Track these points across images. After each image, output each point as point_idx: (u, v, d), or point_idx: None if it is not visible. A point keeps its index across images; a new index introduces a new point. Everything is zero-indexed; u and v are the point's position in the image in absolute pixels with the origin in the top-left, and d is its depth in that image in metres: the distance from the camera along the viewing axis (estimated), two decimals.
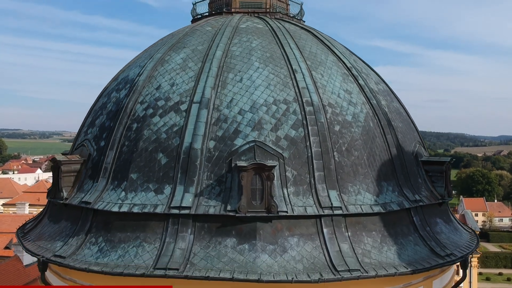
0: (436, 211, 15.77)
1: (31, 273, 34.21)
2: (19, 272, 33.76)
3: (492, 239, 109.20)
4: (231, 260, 12.40)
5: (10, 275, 33.03)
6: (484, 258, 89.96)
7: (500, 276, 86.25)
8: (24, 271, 34.14)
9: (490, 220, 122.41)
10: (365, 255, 13.09)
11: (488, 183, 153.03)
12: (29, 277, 33.80)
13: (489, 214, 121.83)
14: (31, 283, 33.25)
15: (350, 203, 13.58)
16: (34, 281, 33.16)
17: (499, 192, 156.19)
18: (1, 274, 32.30)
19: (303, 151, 13.78)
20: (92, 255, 13.29)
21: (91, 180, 14.82)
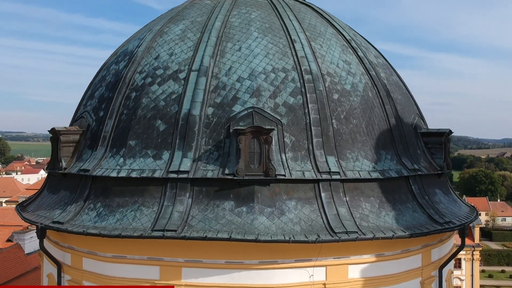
0: (435, 182, 15.73)
1: (32, 262, 34.18)
2: (20, 260, 33.72)
3: (495, 238, 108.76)
4: (229, 222, 12.40)
5: (11, 262, 32.99)
6: (487, 256, 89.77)
7: (502, 273, 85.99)
8: (25, 259, 34.09)
9: (493, 219, 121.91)
10: (363, 219, 13.07)
11: (491, 183, 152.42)
12: (30, 265, 33.75)
13: (492, 214, 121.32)
14: (32, 272, 33.23)
15: (348, 169, 13.57)
16: (35, 269, 33.12)
17: (502, 192, 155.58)
18: (2, 262, 32.27)
19: (301, 117, 13.78)
20: (90, 220, 13.30)
21: (90, 150, 14.84)
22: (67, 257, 14.48)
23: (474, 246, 53.88)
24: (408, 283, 13.96)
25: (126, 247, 13.06)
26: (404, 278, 13.82)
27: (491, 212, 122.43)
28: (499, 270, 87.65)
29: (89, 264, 13.83)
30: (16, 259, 33.55)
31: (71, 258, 14.30)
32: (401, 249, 13.73)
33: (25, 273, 32.95)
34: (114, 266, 13.31)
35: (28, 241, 35.08)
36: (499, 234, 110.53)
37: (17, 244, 34.94)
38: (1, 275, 31.27)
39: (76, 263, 14.12)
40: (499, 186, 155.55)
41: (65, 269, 14.42)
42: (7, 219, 50.73)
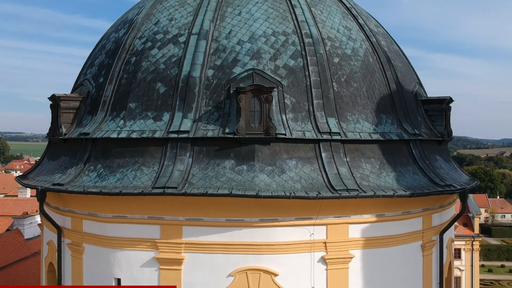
0: (436, 149, 15.72)
1: (31, 247, 34.11)
2: (20, 245, 33.63)
3: (494, 234, 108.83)
4: (230, 180, 12.38)
5: (11, 247, 32.91)
6: (486, 251, 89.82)
7: (502, 268, 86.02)
8: (25, 244, 33.99)
9: (493, 216, 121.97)
10: (364, 179, 13.06)
11: (491, 181, 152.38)
12: (30, 250, 33.66)
13: (491, 210, 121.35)
14: (32, 257, 33.16)
15: (348, 130, 13.56)
16: (35, 254, 33.07)
17: (501, 190, 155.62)
18: (1, 246, 32.20)
19: (302, 80, 13.77)
20: (91, 181, 13.28)
21: (90, 115, 14.81)
22: (67, 221, 14.46)
23: (473, 236, 53.87)
24: (409, 245, 13.95)
25: (126, 206, 13.04)
26: (405, 240, 13.81)
27: (491, 209, 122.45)
28: (499, 265, 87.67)
29: (89, 226, 13.81)
30: (15, 244, 33.48)
31: (71, 221, 14.28)
32: (401, 211, 13.72)
33: (24, 258, 32.85)
34: (115, 227, 13.28)
35: (28, 227, 34.98)
36: (498, 230, 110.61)
37: (17, 230, 34.86)
38: (1, 259, 31.21)
39: (76, 226, 14.10)
40: (498, 184, 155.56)
41: (65, 233, 14.40)
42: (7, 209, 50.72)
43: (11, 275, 31.14)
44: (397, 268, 13.65)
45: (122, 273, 13.15)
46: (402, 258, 13.77)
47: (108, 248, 13.32)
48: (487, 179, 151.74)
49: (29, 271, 32.40)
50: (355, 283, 13.02)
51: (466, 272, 51.53)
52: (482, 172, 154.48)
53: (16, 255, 32.62)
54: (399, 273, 13.70)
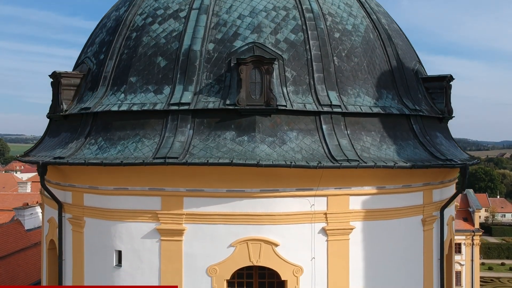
0: (437, 126, 15.74)
1: (32, 238, 34.12)
2: (21, 235, 33.61)
3: (494, 233, 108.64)
4: (230, 150, 12.39)
5: (11, 237, 32.91)
6: (486, 249, 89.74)
7: (502, 266, 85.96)
8: (25, 235, 33.98)
9: (493, 215, 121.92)
10: (364, 151, 13.07)
11: (491, 181, 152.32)
12: (30, 241, 33.67)
13: (491, 209, 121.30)
14: (32, 248, 33.16)
15: (349, 103, 13.58)
16: (35, 245, 33.06)
17: (501, 190, 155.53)
18: (2, 236, 32.18)
19: (302, 53, 13.78)
20: (92, 153, 13.29)
21: (91, 91, 14.82)
22: (68, 195, 14.47)
23: (474, 231, 53.83)
24: (409, 219, 13.95)
25: (127, 178, 13.06)
26: (405, 213, 13.81)
27: (491, 208, 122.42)
28: (499, 263, 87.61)
29: (90, 199, 13.82)
30: (16, 234, 33.46)
31: (72, 195, 14.29)
32: (402, 184, 13.73)
33: (25, 248, 32.87)
34: (115, 199, 13.30)
35: (28, 218, 34.99)
36: (498, 229, 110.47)
37: (17, 220, 34.85)
38: (1, 249, 31.21)
39: (77, 200, 14.10)
40: (498, 184, 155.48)
41: (66, 208, 14.40)
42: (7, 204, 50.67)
43: (12, 264, 31.16)
44: (398, 241, 13.66)
45: (123, 245, 13.15)
46: (402, 232, 13.78)
47: (109, 221, 13.33)
48: (487, 179, 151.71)
49: (29, 261, 32.41)
50: (355, 255, 13.02)
51: (467, 266, 51.47)
52: (482, 172, 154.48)
53: (16, 245, 32.63)
54: (400, 246, 13.71)
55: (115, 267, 13.24)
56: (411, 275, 14.03)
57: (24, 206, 36.47)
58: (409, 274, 13.97)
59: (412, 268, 14.03)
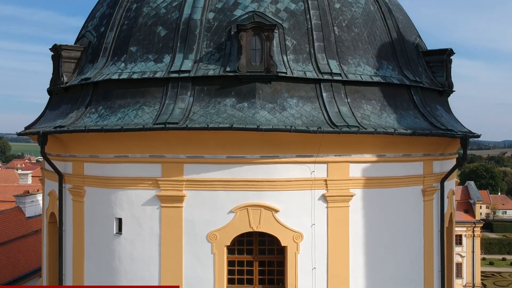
0: (437, 99, 15.73)
1: (32, 225, 34.13)
2: (21, 222, 33.62)
3: (495, 229, 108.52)
4: (230, 116, 12.39)
5: (11, 223, 32.92)
6: (487, 245, 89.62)
7: (503, 261, 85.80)
8: (26, 222, 34.00)
9: (494, 212, 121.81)
10: (364, 118, 13.07)
11: (492, 178, 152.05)
12: (31, 228, 33.69)
13: (492, 206, 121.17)
14: (33, 235, 33.19)
15: (349, 72, 13.57)
16: (36, 232, 33.09)
17: (502, 187, 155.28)
18: (2, 222, 32.20)
19: (303, 23, 13.77)
20: (92, 121, 13.30)
21: (91, 63, 14.81)
22: (68, 166, 14.49)
23: (475, 222, 53.80)
24: (410, 188, 13.95)
25: (127, 146, 13.07)
26: (406, 182, 13.82)
27: (492, 205, 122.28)
28: (500, 258, 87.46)
29: (90, 168, 13.84)
30: (16, 221, 33.48)
31: (73, 166, 14.31)
32: (402, 153, 13.74)
33: (25, 235, 32.89)
34: (116, 167, 13.32)
35: (29, 205, 35.02)
36: (499, 225, 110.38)
37: (18, 207, 34.87)
38: (2, 234, 31.24)
39: (77, 170, 14.13)
40: (499, 181, 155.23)
41: (66, 178, 14.43)
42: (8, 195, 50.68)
43: (12, 251, 31.19)
44: (398, 210, 13.67)
45: (123, 213, 13.17)
46: (403, 201, 13.78)
47: (109, 189, 13.34)
48: (488, 176, 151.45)
49: (30, 248, 32.44)
50: (355, 222, 13.03)
51: (467, 258, 51.44)
52: (483, 169, 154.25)
53: (17, 232, 32.64)
54: (400, 215, 13.71)
55: (115, 235, 13.26)
56: (412, 245, 14.03)
57: (25, 193, 36.52)
58: (409, 244, 13.97)
59: (412, 238, 14.03)
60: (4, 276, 29.22)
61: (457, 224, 37.65)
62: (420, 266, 14.22)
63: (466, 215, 54.37)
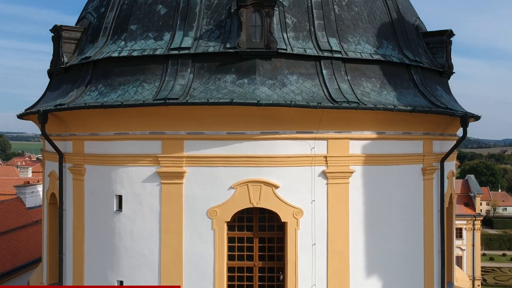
0: (437, 80, 15.74)
1: (33, 216, 34.16)
2: (21, 213, 33.65)
3: (495, 226, 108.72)
4: (231, 92, 12.40)
5: (12, 213, 32.94)
6: (488, 240, 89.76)
7: (503, 257, 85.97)
8: (26, 213, 34.03)
9: (494, 208, 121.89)
10: (364, 95, 13.08)
11: (492, 175, 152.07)
12: (31, 218, 33.71)
13: (493, 202, 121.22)
14: (33, 225, 33.22)
15: (350, 50, 13.56)
16: (36, 222, 33.12)
17: (503, 184, 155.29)
18: (3, 212, 32.22)
19: (303, 1, 13.76)
20: (92, 99, 13.31)
21: (91, 44, 14.82)
22: (68, 145, 14.50)
23: (475, 215, 53.81)
24: (410, 166, 13.96)
25: (127, 123, 13.08)
26: (406, 160, 13.83)
27: (492, 201, 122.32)
28: (500, 253, 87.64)
29: (90, 146, 13.87)
30: (17, 211, 33.50)
31: (73, 144, 14.33)
32: (402, 131, 13.75)
33: (26, 225, 32.92)
34: (116, 144, 13.33)
35: (29, 195, 35.04)
36: (500, 222, 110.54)
37: (18, 198, 34.90)
38: (2, 224, 31.26)
39: (77, 148, 14.15)
40: (500, 178, 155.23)
41: (67, 157, 14.43)
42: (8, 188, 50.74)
43: (12, 240, 31.22)
44: (398, 188, 13.68)
45: (123, 190, 13.18)
46: (402, 179, 13.80)
47: (110, 166, 13.36)
48: (489, 173, 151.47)
49: (30, 238, 32.47)
50: (355, 199, 13.04)
51: (468, 251, 51.47)
52: (484, 166, 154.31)
53: (17, 222, 32.67)
54: (400, 193, 13.73)
55: (115, 212, 13.27)
56: (412, 223, 14.05)
57: (25, 184, 36.55)
58: (409, 222, 13.99)
59: (412, 216, 14.05)
60: (4, 266, 29.25)
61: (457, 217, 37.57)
62: (420, 244, 14.23)
63: (466, 209, 54.40)
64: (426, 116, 13.65)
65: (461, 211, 50.91)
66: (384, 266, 13.39)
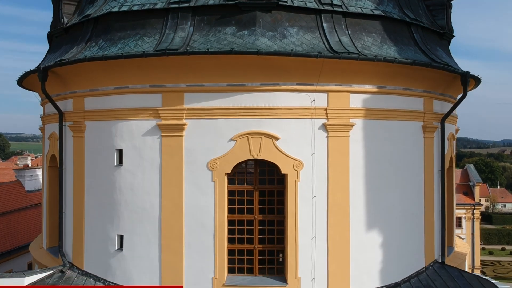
0: (437, 41, 15.73)
1: (32, 199, 34.19)
2: (21, 195, 33.69)
3: (494, 221, 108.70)
4: (231, 43, 12.38)
5: (11, 195, 32.98)
6: (487, 235, 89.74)
7: (503, 251, 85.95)
8: (26, 196, 34.07)
9: (493, 204, 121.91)
10: (365, 49, 13.06)
11: (491, 172, 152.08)
12: (30, 201, 33.74)
13: (492, 199, 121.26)
14: (32, 208, 33.23)
15: (350, 5, 13.53)
16: (35, 205, 33.13)
17: (502, 181, 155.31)
18: (2, 193, 32.23)
19: None
20: (92, 53, 13.28)
21: (91, 4, 14.81)
22: (68, 104, 14.48)
23: (474, 204, 53.82)
24: (410, 123, 13.95)
25: (128, 77, 13.06)
26: (406, 116, 13.82)
27: (491, 197, 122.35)
28: (499, 248, 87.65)
29: (91, 102, 13.85)
30: (16, 194, 33.55)
31: (73, 102, 14.31)
32: (403, 86, 13.72)
33: (25, 207, 32.97)
34: (116, 98, 13.32)
35: (29, 179, 35.08)
36: (499, 218, 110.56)
37: (18, 181, 34.90)
38: (1, 205, 31.27)
39: (78, 106, 14.13)
40: (499, 175, 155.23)
41: (67, 116, 14.43)
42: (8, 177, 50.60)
43: (12, 222, 31.26)
44: (399, 144, 13.67)
45: (124, 144, 13.16)
46: (403, 134, 13.79)
47: (110, 121, 13.34)
48: (488, 171, 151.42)
49: (30, 221, 32.49)
50: (356, 152, 13.01)
51: (467, 240, 51.39)
52: (483, 163, 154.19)
53: (16, 204, 32.71)
54: (400, 148, 13.71)
55: (116, 166, 13.26)
56: (412, 180, 14.03)
57: (25, 167, 36.55)
58: (409, 179, 13.97)
59: (412, 173, 14.03)
60: (4, 246, 29.27)
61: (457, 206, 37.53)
62: (420, 202, 14.21)
63: (465, 197, 54.43)
64: (427, 72, 13.65)
65: (461, 200, 50.92)
66: (384, 221, 13.37)
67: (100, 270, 13.50)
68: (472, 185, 56.02)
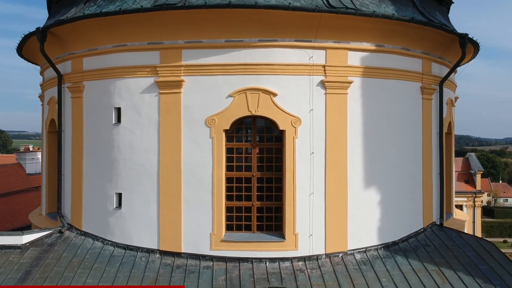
0: (436, 6, 15.72)
1: (33, 182, 34.21)
2: (22, 178, 33.75)
3: (496, 215, 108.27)
4: None
5: (12, 177, 33.04)
6: (489, 228, 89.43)
7: (505, 243, 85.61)
8: (26, 178, 34.12)
9: (495, 199, 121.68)
10: (363, 6, 13.02)
11: (493, 167, 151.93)
12: (31, 184, 33.77)
13: (494, 193, 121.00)
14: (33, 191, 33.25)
15: None
16: (36, 188, 33.15)
17: (504, 177, 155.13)
18: (3, 175, 32.28)
19: None
20: (91, 12, 13.28)
21: None
22: (67, 66, 14.51)
23: (475, 192, 53.75)
24: (408, 83, 13.95)
25: (126, 34, 13.08)
26: (404, 76, 13.81)
27: (493, 192, 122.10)
28: (501, 240, 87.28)
29: (89, 62, 13.87)
30: (17, 176, 33.60)
31: (72, 63, 14.33)
32: (401, 46, 13.71)
33: (25, 190, 33.00)
34: (114, 57, 13.34)
35: (30, 162, 35.15)
36: (500, 211, 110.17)
37: (19, 164, 34.96)
38: (2, 187, 31.34)
39: (76, 67, 14.15)
40: (501, 171, 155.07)
41: (65, 77, 14.46)
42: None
43: (12, 203, 31.29)
44: (397, 103, 13.67)
45: (122, 102, 13.18)
46: (401, 94, 13.80)
47: (108, 79, 13.36)
48: (489, 166, 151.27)
49: (30, 203, 32.43)
50: (354, 110, 13.02)
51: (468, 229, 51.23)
52: (485, 159, 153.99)
53: (17, 186, 32.75)
54: (399, 108, 13.72)
55: (114, 124, 13.28)
56: (410, 140, 14.04)
57: (26, 150, 36.61)
58: (407, 139, 13.98)
59: (411, 134, 14.04)
60: (5, 226, 29.30)
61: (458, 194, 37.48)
62: (418, 163, 14.22)
63: (466, 186, 54.36)
64: (425, 32, 13.64)
65: (462, 188, 50.85)
66: (382, 180, 13.38)
67: (98, 229, 13.53)
68: (473, 173, 55.95)
